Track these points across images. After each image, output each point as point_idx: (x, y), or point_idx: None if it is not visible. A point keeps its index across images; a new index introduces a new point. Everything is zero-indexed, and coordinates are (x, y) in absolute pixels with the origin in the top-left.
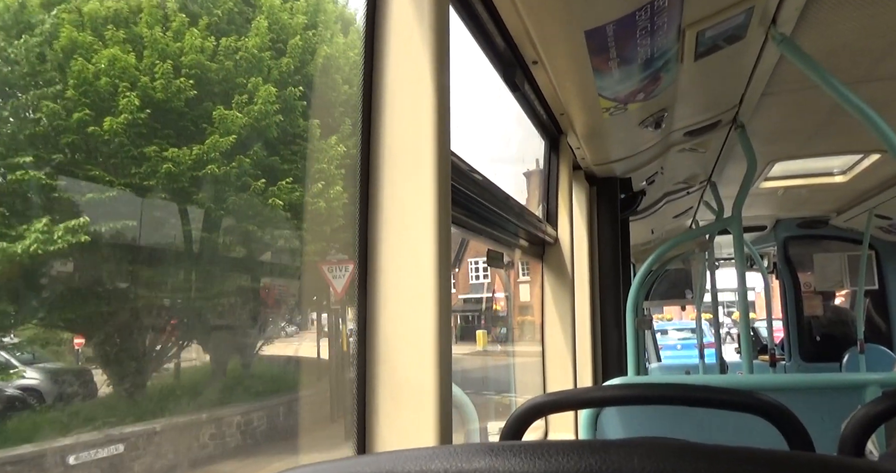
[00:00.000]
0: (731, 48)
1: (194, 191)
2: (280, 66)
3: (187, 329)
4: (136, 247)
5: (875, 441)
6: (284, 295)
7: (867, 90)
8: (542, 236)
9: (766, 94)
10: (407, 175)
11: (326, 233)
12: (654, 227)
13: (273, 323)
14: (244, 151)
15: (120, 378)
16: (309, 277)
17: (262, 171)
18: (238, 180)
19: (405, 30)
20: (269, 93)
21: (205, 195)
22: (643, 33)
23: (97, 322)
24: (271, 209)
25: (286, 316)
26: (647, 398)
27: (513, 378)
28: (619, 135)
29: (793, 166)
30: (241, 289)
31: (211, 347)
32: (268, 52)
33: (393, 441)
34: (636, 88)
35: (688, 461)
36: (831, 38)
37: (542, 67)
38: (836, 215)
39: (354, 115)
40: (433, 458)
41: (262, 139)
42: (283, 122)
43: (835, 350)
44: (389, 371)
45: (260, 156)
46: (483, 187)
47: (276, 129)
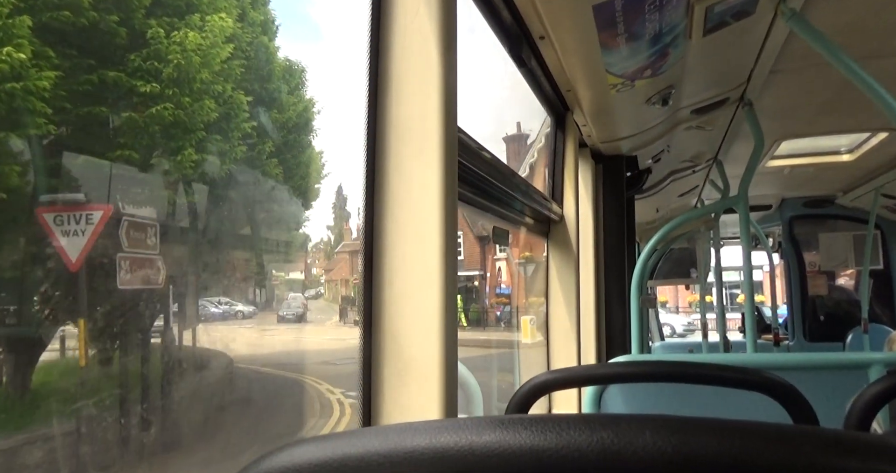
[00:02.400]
0: (740, 24)
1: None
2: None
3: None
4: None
5: (880, 419)
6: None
7: (877, 67)
8: (548, 214)
9: (775, 71)
10: (413, 152)
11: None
12: (660, 206)
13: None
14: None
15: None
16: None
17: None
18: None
19: (412, 4)
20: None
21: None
22: (651, 8)
23: None
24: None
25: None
26: (652, 375)
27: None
28: (625, 113)
29: (799, 144)
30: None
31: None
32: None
33: (399, 417)
34: (643, 65)
35: (699, 434)
36: (841, 13)
37: (548, 43)
38: (842, 194)
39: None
40: (442, 431)
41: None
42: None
43: (839, 329)
44: (395, 348)
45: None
46: (490, 164)
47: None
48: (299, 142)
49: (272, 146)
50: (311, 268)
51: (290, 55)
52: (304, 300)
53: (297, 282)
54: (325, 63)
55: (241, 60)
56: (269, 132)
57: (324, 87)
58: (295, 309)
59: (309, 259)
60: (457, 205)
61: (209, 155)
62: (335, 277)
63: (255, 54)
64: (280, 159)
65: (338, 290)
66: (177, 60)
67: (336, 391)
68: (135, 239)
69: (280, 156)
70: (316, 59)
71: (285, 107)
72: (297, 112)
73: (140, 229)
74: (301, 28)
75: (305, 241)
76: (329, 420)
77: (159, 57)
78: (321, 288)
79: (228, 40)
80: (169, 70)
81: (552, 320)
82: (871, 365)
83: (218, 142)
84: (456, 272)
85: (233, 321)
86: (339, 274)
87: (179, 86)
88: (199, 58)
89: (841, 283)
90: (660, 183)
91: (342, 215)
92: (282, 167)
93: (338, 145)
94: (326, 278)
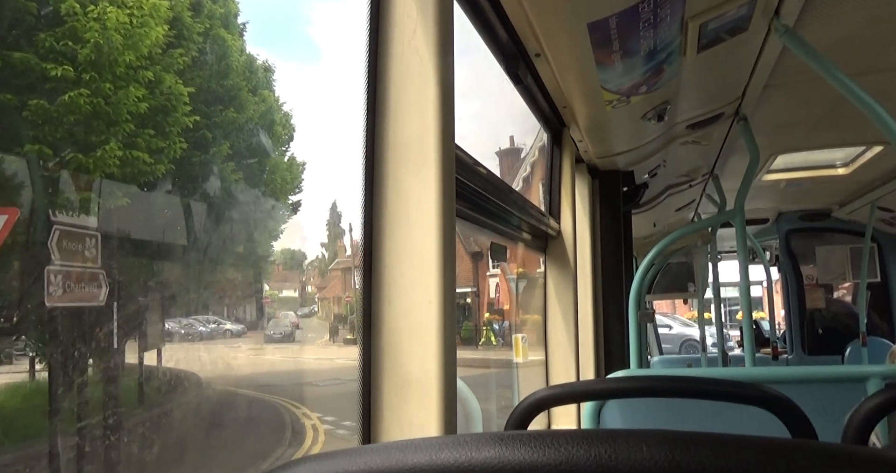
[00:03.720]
0: (734, 40)
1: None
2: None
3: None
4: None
5: (878, 432)
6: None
7: (870, 81)
8: (545, 229)
9: (769, 86)
10: (411, 168)
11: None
12: (657, 220)
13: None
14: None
15: None
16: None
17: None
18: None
19: (409, 22)
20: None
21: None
22: (646, 26)
23: None
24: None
25: None
26: (651, 390)
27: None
28: (621, 128)
29: (795, 158)
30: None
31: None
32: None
33: (398, 434)
34: (639, 81)
35: (695, 449)
36: (834, 29)
37: (544, 60)
38: (838, 207)
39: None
40: (442, 448)
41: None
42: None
43: (837, 342)
44: (394, 363)
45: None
46: (487, 180)
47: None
48: (263, 146)
49: (229, 148)
50: (305, 286)
51: (258, 53)
52: (295, 318)
53: (293, 300)
54: (322, 79)
55: (185, 50)
56: (227, 133)
57: (320, 102)
58: (283, 327)
59: (304, 276)
60: (454, 221)
61: (140, 152)
62: (329, 295)
63: (208, 47)
64: (239, 164)
65: (331, 308)
66: (95, 39)
67: (313, 415)
68: (69, 250)
69: (239, 161)
70: (314, 77)
71: (244, 107)
72: (258, 113)
73: (76, 239)
74: (300, 47)
75: (297, 257)
76: (299, 449)
77: (75, 36)
78: (315, 306)
79: (167, 24)
80: (86, 51)
81: (551, 335)
82: (868, 378)
83: (152, 138)
84: (454, 289)
85: (220, 339)
86: (333, 291)
87: (98, 69)
88: (122, 37)
89: (839, 296)
90: (656, 197)
91: (337, 232)
92: (242, 173)
93: (333, 161)
94: (320, 296)
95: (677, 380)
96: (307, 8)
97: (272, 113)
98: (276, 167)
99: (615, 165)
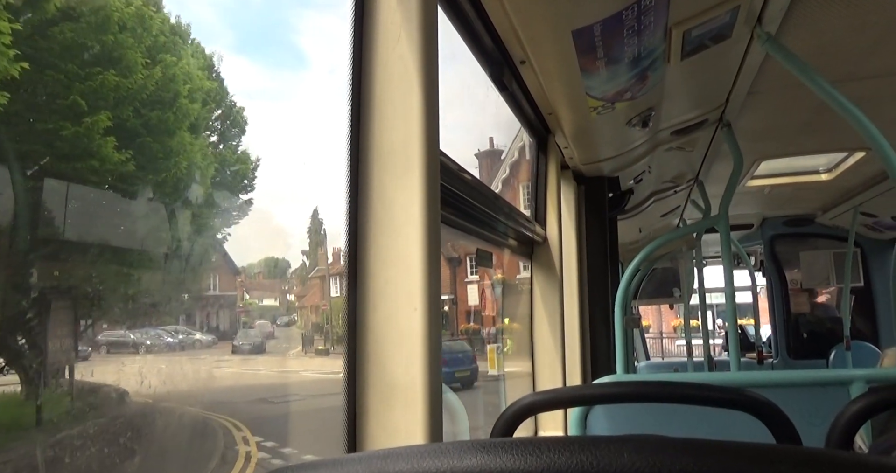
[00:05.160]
0: (718, 47)
1: None
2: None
3: None
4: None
5: (862, 435)
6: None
7: (852, 88)
8: (531, 235)
9: (752, 93)
10: (396, 175)
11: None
12: (642, 226)
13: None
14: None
15: None
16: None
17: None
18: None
19: (393, 29)
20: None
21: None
22: (630, 33)
23: None
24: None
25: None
26: (636, 395)
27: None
28: (606, 135)
29: (779, 164)
30: None
31: None
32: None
33: (383, 441)
34: (623, 88)
35: (676, 455)
36: (816, 36)
37: (529, 67)
38: (821, 213)
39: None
40: (424, 456)
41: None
42: None
43: (822, 347)
44: (379, 371)
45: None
46: (472, 187)
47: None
48: (164, 121)
49: (109, 119)
50: (287, 294)
51: (172, 11)
52: (269, 328)
53: (274, 309)
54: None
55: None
56: (110, 101)
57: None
58: (253, 338)
59: (285, 285)
60: (439, 228)
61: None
62: (307, 303)
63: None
64: (129, 141)
65: (309, 317)
66: None
67: (252, 440)
68: None
69: (129, 137)
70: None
71: (131, 70)
72: (154, 80)
73: None
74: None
75: (280, 265)
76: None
77: None
78: (294, 315)
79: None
80: None
81: (537, 341)
82: (852, 381)
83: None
84: (440, 295)
85: (188, 351)
86: (312, 300)
87: None
88: None
89: (823, 301)
90: (642, 203)
91: (318, 239)
92: (133, 152)
93: (315, 168)
94: (299, 305)
95: (663, 385)
96: (293, 16)
97: (175, 83)
98: (182, 150)
99: (600, 171)
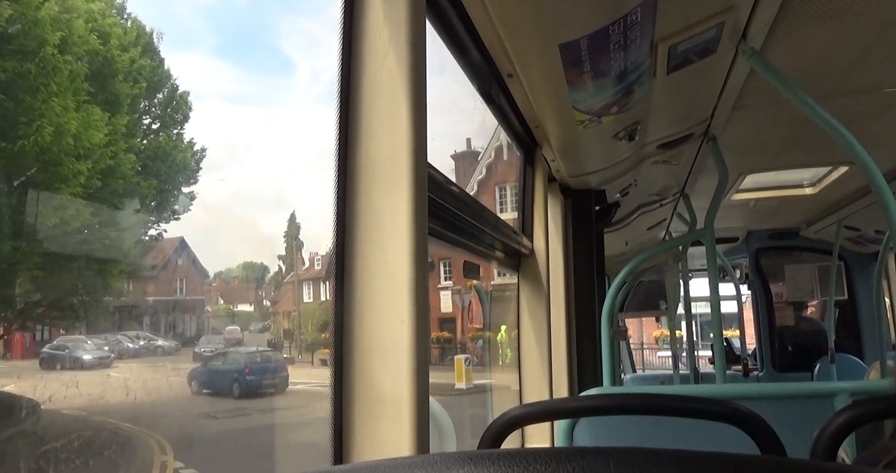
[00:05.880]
0: (703, 62)
1: None
2: None
3: None
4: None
5: (846, 448)
6: None
7: (835, 104)
8: (518, 247)
9: (737, 108)
10: (383, 187)
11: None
12: (628, 239)
13: None
14: None
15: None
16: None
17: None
18: None
19: (381, 42)
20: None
21: None
22: (616, 47)
23: None
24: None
25: None
26: (622, 408)
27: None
28: (593, 148)
29: (763, 178)
30: None
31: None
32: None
33: (370, 454)
34: (610, 101)
35: (661, 466)
36: (800, 52)
37: (517, 80)
38: (805, 226)
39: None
40: (410, 468)
41: None
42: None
43: (807, 360)
44: (366, 383)
45: None
46: (459, 199)
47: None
48: (23, 75)
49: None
50: (262, 300)
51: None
52: (239, 334)
53: (249, 315)
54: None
55: None
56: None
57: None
58: (216, 344)
59: (262, 291)
60: (427, 240)
61: None
62: (280, 309)
63: None
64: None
65: (280, 323)
66: None
67: (171, 465)
68: None
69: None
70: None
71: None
72: (4, 18)
73: None
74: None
75: (257, 270)
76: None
77: None
78: (269, 322)
79: None
80: None
81: (524, 353)
82: (837, 394)
83: None
84: (427, 307)
85: (150, 357)
86: (285, 306)
87: None
88: None
89: (808, 314)
90: (628, 216)
91: (294, 244)
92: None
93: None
94: (272, 310)
95: (649, 398)
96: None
97: (41, 28)
98: (51, 113)
99: (587, 184)
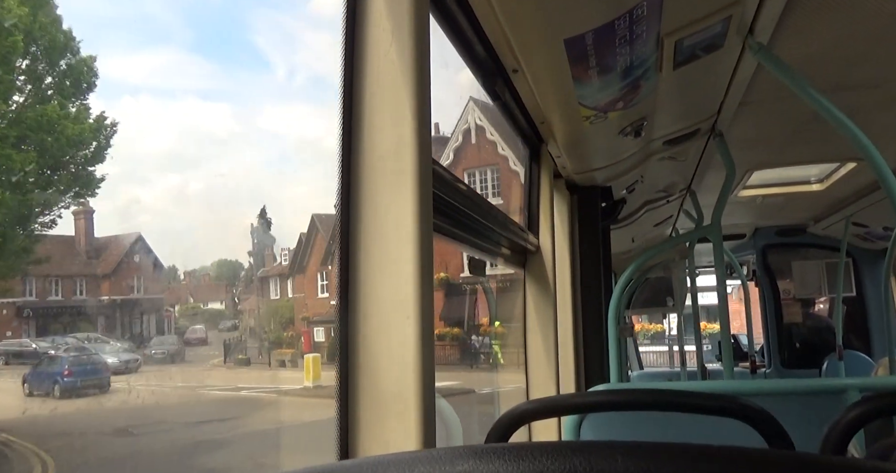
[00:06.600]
0: (710, 57)
1: None
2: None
3: None
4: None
5: (856, 444)
6: None
7: (843, 98)
8: (524, 244)
9: (744, 103)
10: (388, 184)
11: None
12: (635, 236)
13: None
14: None
15: None
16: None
17: None
18: None
19: (385, 38)
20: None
21: None
22: (622, 42)
23: None
24: None
25: None
26: (631, 404)
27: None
28: (599, 144)
29: (771, 174)
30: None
31: None
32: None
33: (376, 450)
34: (616, 97)
35: (669, 459)
36: (807, 46)
37: (522, 76)
38: (813, 223)
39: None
40: (416, 462)
41: None
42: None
43: (814, 356)
44: (372, 380)
45: None
46: (465, 196)
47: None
48: None
49: None
50: (235, 298)
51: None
52: (202, 334)
53: (219, 313)
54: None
55: None
56: None
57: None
58: (168, 345)
59: (235, 288)
60: (432, 237)
61: None
62: (246, 307)
63: None
64: None
65: (246, 322)
66: None
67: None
68: None
69: None
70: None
71: None
72: None
73: None
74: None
75: (230, 267)
76: None
77: None
78: (237, 320)
79: None
80: None
81: (530, 350)
82: (846, 390)
83: None
84: (433, 304)
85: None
86: (252, 303)
87: None
88: None
89: (815, 311)
90: (634, 213)
91: (265, 240)
92: None
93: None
94: (240, 308)
95: (656, 394)
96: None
97: None
98: None
99: (593, 181)
